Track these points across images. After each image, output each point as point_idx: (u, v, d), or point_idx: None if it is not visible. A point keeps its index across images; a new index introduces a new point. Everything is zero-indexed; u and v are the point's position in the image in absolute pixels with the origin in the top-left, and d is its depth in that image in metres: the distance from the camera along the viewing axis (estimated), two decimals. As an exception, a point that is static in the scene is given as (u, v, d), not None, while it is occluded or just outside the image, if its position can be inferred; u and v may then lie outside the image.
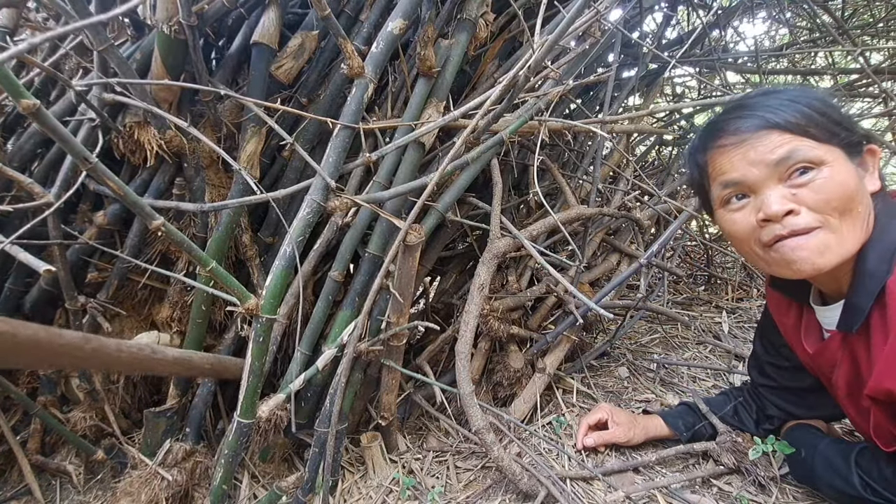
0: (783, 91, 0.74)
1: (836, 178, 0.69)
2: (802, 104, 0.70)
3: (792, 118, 0.70)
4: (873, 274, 0.70)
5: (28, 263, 0.85)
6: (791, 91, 0.74)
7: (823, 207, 0.69)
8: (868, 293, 0.71)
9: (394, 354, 1.13)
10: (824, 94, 0.74)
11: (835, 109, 0.71)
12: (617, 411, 1.18)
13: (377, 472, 1.16)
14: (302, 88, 1.22)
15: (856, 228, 0.70)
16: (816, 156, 0.69)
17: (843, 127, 0.70)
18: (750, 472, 1.02)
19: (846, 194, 0.69)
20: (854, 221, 0.70)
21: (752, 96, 0.77)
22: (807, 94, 0.72)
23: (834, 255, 0.70)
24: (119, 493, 1.05)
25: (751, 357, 1.13)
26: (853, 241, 0.71)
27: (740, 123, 0.73)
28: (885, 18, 2.37)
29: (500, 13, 1.37)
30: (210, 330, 1.23)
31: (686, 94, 2.87)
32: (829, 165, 0.69)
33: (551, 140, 1.49)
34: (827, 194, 0.69)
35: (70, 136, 0.60)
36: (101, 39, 1.00)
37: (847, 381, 0.83)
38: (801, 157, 0.69)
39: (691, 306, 2.10)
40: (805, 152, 0.69)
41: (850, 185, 0.69)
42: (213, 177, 1.17)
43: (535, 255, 1.08)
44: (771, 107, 0.71)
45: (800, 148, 0.69)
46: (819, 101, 0.71)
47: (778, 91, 0.74)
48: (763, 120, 0.71)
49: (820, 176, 0.69)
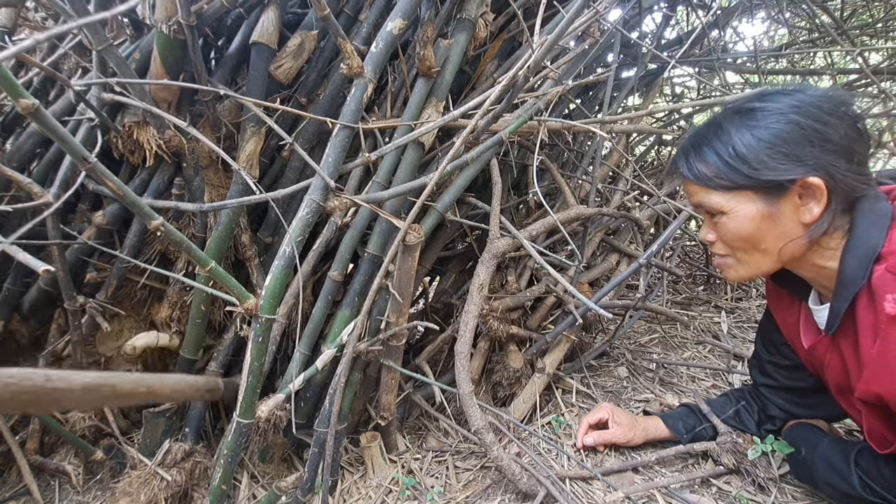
0: (720, 129, 0.78)
1: (729, 226, 0.79)
2: (720, 153, 0.77)
3: (701, 172, 0.79)
4: (851, 280, 0.75)
5: (27, 263, 0.84)
6: (725, 133, 0.78)
7: (728, 244, 0.83)
8: (844, 298, 0.76)
9: (393, 354, 1.13)
10: (768, 132, 0.74)
11: (760, 151, 0.74)
12: (618, 411, 1.18)
13: (376, 472, 1.16)
14: (301, 88, 1.22)
15: (767, 257, 0.80)
16: (717, 205, 0.79)
17: (760, 171, 0.74)
18: (749, 472, 1.02)
19: (743, 238, 0.79)
20: (763, 254, 0.80)
21: (696, 131, 0.84)
22: (733, 139, 0.76)
23: (749, 275, 0.84)
24: (118, 494, 1.05)
25: (752, 357, 1.13)
26: (769, 265, 0.81)
27: (677, 171, 0.85)
28: (884, 19, 2.37)
29: (499, 13, 1.37)
30: (209, 330, 1.23)
31: (685, 94, 2.88)
32: (727, 214, 0.79)
33: (551, 140, 1.49)
34: (725, 237, 0.82)
35: (69, 135, 0.60)
36: (99, 39, 1.00)
37: (836, 380, 0.86)
38: (706, 205, 0.81)
39: (690, 306, 2.10)
40: (709, 202, 0.80)
41: (745, 230, 0.78)
42: (212, 177, 1.17)
43: (534, 255, 1.08)
44: (691, 158, 0.81)
45: (704, 199, 0.81)
46: (746, 145, 0.75)
47: (715, 128, 0.79)
48: (684, 173, 0.83)
49: (721, 220, 0.80)
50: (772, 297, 1.01)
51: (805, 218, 0.75)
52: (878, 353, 0.71)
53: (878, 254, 0.72)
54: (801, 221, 0.76)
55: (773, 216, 0.76)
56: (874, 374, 0.73)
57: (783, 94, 0.77)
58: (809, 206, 0.75)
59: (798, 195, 0.75)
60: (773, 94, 0.78)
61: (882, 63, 2.34)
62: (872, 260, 0.73)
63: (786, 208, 0.76)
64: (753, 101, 0.78)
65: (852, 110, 0.75)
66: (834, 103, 0.74)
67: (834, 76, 2.40)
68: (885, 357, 0.70)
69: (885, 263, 0.71)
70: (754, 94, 0.81)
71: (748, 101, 0.79)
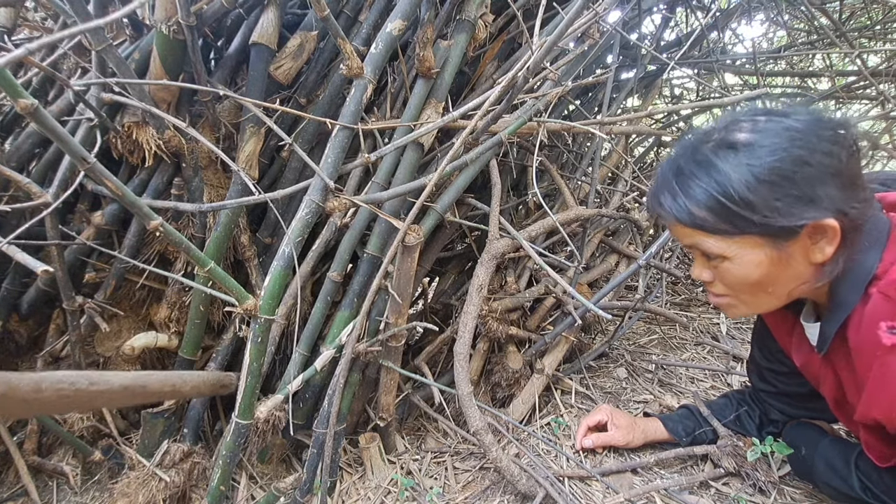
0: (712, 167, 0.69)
1: (733, 272, 0.72)
2: (717, 195, 0.68)
3: (696, 216, 0.70)
4: (843, 303, 0.72)
5: (25, 264, 0.84)
6: (719, 172, 0.68)
7: (729, 288, 0.76)
8: (836, 320, 0.73)
9: (392, 355, 1.13)
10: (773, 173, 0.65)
11: (768, 196, 0.66)
12: (617, 414, 1.17)
13: (375, 472, 1.16)
14: (301, 89, 1.22)
15: (774, 299, 0.75)
16: (718, 250, 0.72)
17: (771, 218, 0.66)
18: (750, 476, 1.01)
19: (746, 284, 0.73)
20: (770, 295, 0.75)
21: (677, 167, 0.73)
22: (733, 180, 0.67)
23: (753, 313, 0.81)
24: (116, 494, 1.04)
25: (750, 361, 1.11)
26: (775, 304, 0.77)
27: (661, 211, 0.75)
28: (883, 21, 2.38)
29: (499, 14, 1.37)
30: (208, 330, 1.22)
31: (684, 95, 2.88)
32: (728, 259, 0.72)
33: (550, 141, 1.49)
34: (726, 282, 0.75)
35: (68, 135, 0.60)
36: (99, 39, 1.00)
37: (832, 395, 0.85)
38: (702, 249, 0.73)
39: (689, 307, 2.10)
40: (706, 247, 0.73)
41: (752, 277, 0.72)
42: (211, 177, 1.16)
43: (533, 255, 1.08)
44: (679, 199, 0.71)
45: (699, 243, 0.73)
46: (749, 188, 0.66)
47: (706, 166, 0.70)
48: (671, 216, 0.73)
49: (722, 266, 0.73)
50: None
51: (816, 258, 0.70)
52: (876, 380, 0.69)
53: (873, 274, 0.69)
54: (811, 262, 0.70)
55: (783, 260, 0.70)
56: (873, 400, 0.71)
57: (771, 121, 0.69)
58: (820, 245, 0.69)
59: (808, 235, 0.68)
60: (760, 122, 0.69)
61: (881, 65, 2.35)
62: (867, 282, 0.69)
63: (795, 250, 0.69)
64: (737, 131, 0.70)
65: (850, 132, 0.69)
66: (830, 128, 0.68)
67: (832, 78, 2.41)
68: (883, 384, 0.68)
69: (877, 284, 0.68)
70: (731, 121, 0.72)
71: (731, 130, 0.70)
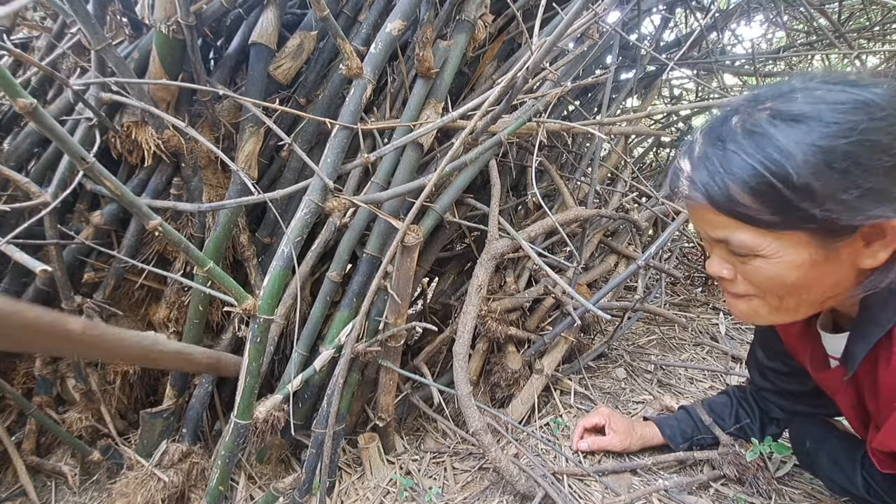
0: (766, 139, 0.56)
1: (766, 272, 0.61)
2: (769, 175, 0.55)
3: (736, 200, 0.59)
4: (876, 321, 0.62)
5: (24, 263, 0.84)
6: (776, 148, 0.55)
7: (758, 287, 0.65)
8: (866, 341, 0.64)
9: (391, 355, 1.13)
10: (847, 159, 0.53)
11: (838, 187, 0.53)
12: (615, 417, 1.16)
13: (374, 473, 1.16)
14: (300, 89, 1.22)
15: (806, 306, 0.65)
16: (752, 245, 0.60)
17: (836, 213, 0.54)
18: (752, 484, 1.01)
19: (780, 287, 0.62)
20: (800, 302, 0.64)
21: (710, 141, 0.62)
22: (795, 160, 0.54)
23: (775, 321, 0.67)
24: (115, 495, 1.04)
25: (751, 357, 1.09)
26: (805, 312, 0.66)
27: (687, 186, 0.64)
28: (882, 22, 2.38)
29: (498, 14, 1.37)
30: (207, 330, 1.22)
31: (684, 96, 2.88)
32: (763, 257, 0.61)
33: (549, 141, 1.49)
34: (756, 282, 0.64)
35: (67, 135, 0.60)
36: (98, 38, 1.00)
37: (851, 409, 0.79)
38: (734, 243, 0.62)
39: (688, 308, 2.10)
40: (738, 240, 0.61)
41: (788, 280, 0.61)
42: (210, 177, 1.16)
43: (533, 256, 1.08)
44: (717, 178, 0.59)
45: (733, 237, 0.62)
46: (816, 174, 0.53)
47: (758, 138, 0.57)
48: (703, 193, 0.61)
49: (752, 264, 0.62)
50: None
51: (866, 263, 0.59)
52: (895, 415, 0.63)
53: None
54: (858, 267, 0.60)
55: (828, 262, 0.59)
56: (890, 434, 0.65)
57: (844, 91, 0.55)
58: (874, 248, 0.58)
59: (863, 236, 0.57)
60: (831, 90, 0.56)
61: (880, 66, 2.35)
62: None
63: (845, 253, 0.58)
64: (806, 98, 0.56)
65: None
66: None
67: (832, 79, 2.40)
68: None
69: None
70: (786, 88, 0.60)
71: (792, 99, 0.57)
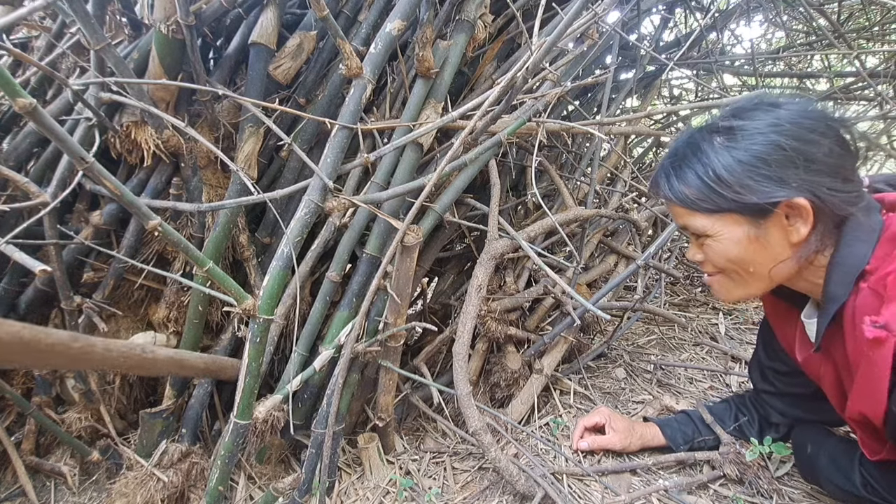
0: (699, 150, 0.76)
1: (716, 248, 0.79)
2: (700, 175, 0.76)
3: (683, 195, 0.78)
4: (834, 297, 0.74)
5: (23, 263, 0.84)
6: (705, 154, 0.76)
7: (717, 265, 0.81)
8: (827, 314, 0.76)
9: (391, 355, 1.13)
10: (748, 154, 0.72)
11: (742, 175, 0.72)
12: (616, 417, 1.16)
13: (374, 473, 1.16)
14: (300, 89, 1.22)
15: (758, 279, 0.80)
16: (702, 228, 0.78)
17: (742, 195, 0.73)
18: (753, 485, 1.01)
19: (730, 260, 0.79)
20: (752, 275, 0.79)
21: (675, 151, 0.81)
22: (713, 162, 0.74)
23: (740, 296, 0.83)
24: (114, 495, 1.04)
25: (752, 360, 1.11)
26: (761, 286, 0.81)
27: (659, 192, 0.83)
28: (881, 22, 2.38)
29: (498, 14, 1.37)
30: (207, 330, 1.22)
31: (683, 96, 2.89)
32: (713, 237, 0.78)
33: (549, 141, 1.49)
34: (713, 259, 0.81)
35: (66, 135, 0.60)
36: (98, 38, 0.99)
37: (833, 392, 0.86)
38: (690, 228, 0.80)
39: (688, 308, 2.10)
40: (693, 225, 0.79)
41: (732, 253, 0.78)
42: (210, 177, 1.16)
43: (532, 256, 1.08)
44: (672, 179, 0.80)
45: (689, 222, 0.80)
46: (726, 168, 0.73)
47: (694, 149, 0.77)
48: (666, 195, 0.81)
49: (707, 242, 0.79)
50: (768, 305, 1.00)
51: (793, 238, 0.74)
52: (861, 375, 0.71)
53: (862, 270, 0.71)
54: (789, 242, 0.75)
55: (760, 238, 0.75)
56: (859, 395, 0.73)
57: (761, 110, 0.75)
58: (797, 226, 0.73)
59: (784, 216, 0.73)
60: (751, 111, 0.76)
61: (879, 66, 2.35)
62: (856, 276, 0.72)
63: (773, 230, 0.74)
64: (730, 118, 0.76)
65: (837, 123, 0.73)
66: (815, 118, 0.72)
67: (831, 79, 2.41)
68: (867, 379, 0.69)
69: (868, 280, 0.70)
70: (729, 110, 0.79)
71: (724, 118, 0.77)
